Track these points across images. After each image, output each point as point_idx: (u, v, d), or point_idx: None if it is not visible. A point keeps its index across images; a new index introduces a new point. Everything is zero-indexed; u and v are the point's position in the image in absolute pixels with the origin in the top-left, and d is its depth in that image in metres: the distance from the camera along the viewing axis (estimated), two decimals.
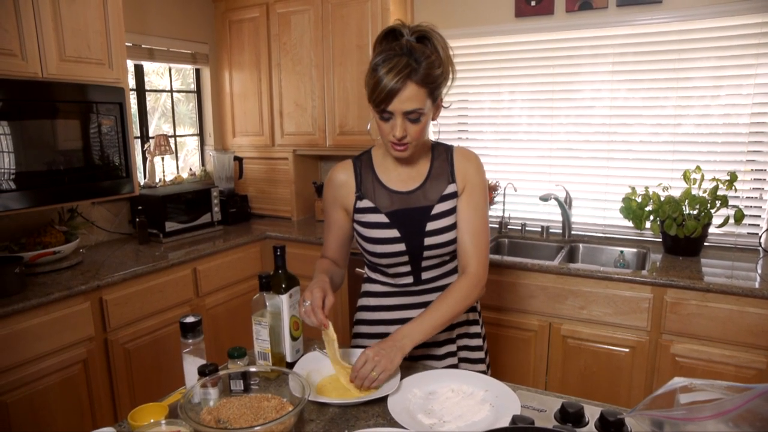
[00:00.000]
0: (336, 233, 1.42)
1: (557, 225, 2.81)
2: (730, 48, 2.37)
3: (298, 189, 3.37)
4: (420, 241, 1.30)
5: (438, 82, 1.20)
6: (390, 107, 1.17)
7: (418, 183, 1.33)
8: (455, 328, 1.42)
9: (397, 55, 1.16)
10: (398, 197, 1.32)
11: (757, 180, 2.43)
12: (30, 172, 2.10)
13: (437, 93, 1.22)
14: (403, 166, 1.34)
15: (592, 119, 2.72)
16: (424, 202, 1.32)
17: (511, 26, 2.80)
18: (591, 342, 2.25)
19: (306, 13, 3.05)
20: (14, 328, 1.88)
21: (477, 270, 1.29)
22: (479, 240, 1.30)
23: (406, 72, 1.14)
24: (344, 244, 1.44)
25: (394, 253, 1.32)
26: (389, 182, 1.34)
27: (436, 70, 1.18)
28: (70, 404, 2.08)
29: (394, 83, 1.14)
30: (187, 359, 1.14)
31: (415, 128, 1.20)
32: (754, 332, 1.95)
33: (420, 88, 1.16)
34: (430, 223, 1.30)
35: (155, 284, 2.39)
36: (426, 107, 1.19)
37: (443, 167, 1.33)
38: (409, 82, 1.15)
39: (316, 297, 1.18)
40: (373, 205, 1.33)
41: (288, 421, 0.97)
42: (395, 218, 1.31)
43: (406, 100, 1.16)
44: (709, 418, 0.78)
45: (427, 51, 1.18)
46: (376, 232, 1.32)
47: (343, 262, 1.47)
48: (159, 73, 3.29)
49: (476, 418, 1.05)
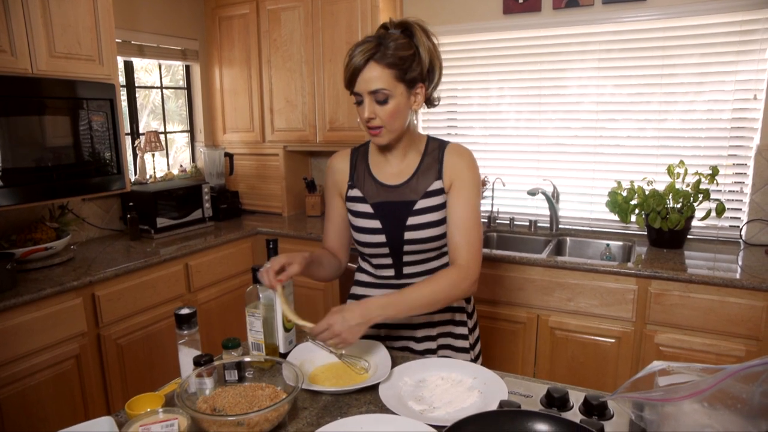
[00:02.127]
0: (334, 221, 1.45)
1: (545, 219, 2.85)
2: (713, 45, 2.43)
3: (288, 185, 3.39)
4: (400, 234, 1.32)
5: (406, 66, 1.21)
6: (356, 88, 1.23)
7: (407, 177, 1.34)
8: (436, 326, 1.41)
9: (368, 41, 1.21)
10: (384, 189, 1.35)
11: (738, 174, 2.49)
12: (19, 168, 2.10)
13: (409, 77, 1.23)
14: (393, 159, 1.36)
15: (579, 115, 2.76)
16: (408, 197, 1.33)
17: (499, 23, 2.84)
18: (578, 333, 2.30)
19: (296, 10, 3.06)
20: (6, 324, 1.88)
21: (467, 262, 1.27)
22: (470, 234, 1.28)
23: (370, 52, 1.19)
24: (342, 233, 1.46)
25: (376, 243, 1.35)
26: (379, 174, 1.37)
27: (402, 52, 1.20)
28: (63, 400, 2.09)
29: (357, 62, 1.20)
30: (183, 350, 1.16)
31: (383, 110, 1.22)
32: (734, 321, 2.01)
33: (385, 68, 1.19)
34: (411, 217, 1.31)
35: (147, 280, 2.41)
36: (394, 90, 1.21)
37: (433, 163, 1.34)
38: (371, 61, 1.19)
39: (277, 261, 1.20)
40: (362, 195, 1.37)
41: (282, 408, 1.00)
42: (379, 209, 1.34)
43: (369, 80, 1.20)
44: (685, 398, 0.82)
45: (400, 37, 1.22)
46: (360, 221, 1.36)
47: (341, 252, 1.49)
48: (147, 70, 3.29)
49: (465, 404, 1.08)
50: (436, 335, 1.41)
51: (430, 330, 1.40)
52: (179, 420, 0.95)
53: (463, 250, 1.28)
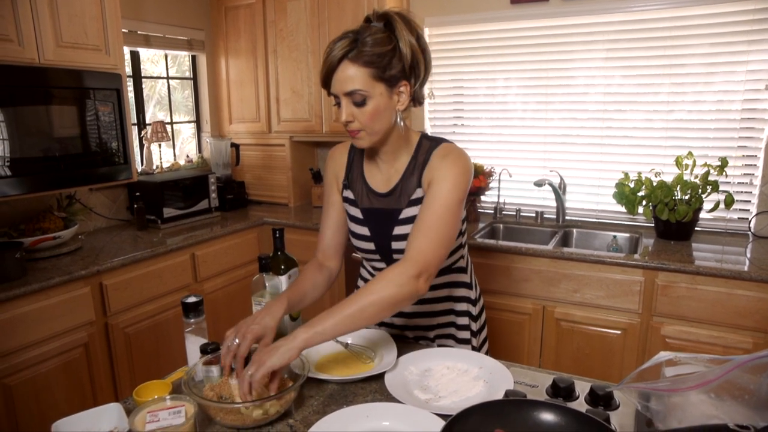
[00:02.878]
0: (332, 217, 1.37)
1: (551, 210, 2.84)
2: (723, 35, 2.40)
3: (294, 175, 3.39)
4: (388, 243, 1.28)
5: (385, 63, 1.11)
6: (332, 89, 1.14)
7: (394, 183, 1.27)
8: (435, 329, 1.39)
9: (345, 36, 1.11)
10: (374, 195, 1.29)
11: (747, 166, 2.47)
12: (27, 158, 2.11)
13: (389, 75, 1.12)
14: (383, 163, 1.28)
15: (586, 105, 2.74)
16: (394, 205, 1.26)
17: (506, 13, 2.81)
18: (584, 324, 2.30)
19: (302, 0, 3.04)
20: (16, 312, 1.91)
21: (414, 256, 1.10)
22: (427, 228, 1.13)
23: (344, 51, 1.09)
24: (339, 230, 1.38)
25: (366, 249, 1.33)
26: (370, 178, 1.31)
27: (379, 48, 1.10)
28: (72, 387, 2.11)
29: (330, 62, 1.11)
30: (189, 338, 1.17)
31: (361, 113, 1.13)
32: (742, 314, 2.00)
33: (360, 67, 1.09)
34: (397, 226, 1.26)
35: (154, 269, 2.42)
36: (372, 90, 1.11)
37: (417, 168, 1.24)
38: (346, 60, 1.10)
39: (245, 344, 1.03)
40: (353, 198, 1.32)
41: (288, 396, 1.01)
42: (368, 216, 1.30)
43: (344, 80, 1.11)
44: (692, 388, 0.82)
45: (379, 31, 1.12)
46: (352, 226, 1.33)
47: (335, 256, 1.39)
48: (154, 61, 3.29)
49: (470, 393, 1.08)
50: (433, 338, 1.41)
51: (425, 332, 1.41)
52: (186, 407, 0.96)
53: (412, 242, 1.13)
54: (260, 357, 0.99)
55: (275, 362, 0.98)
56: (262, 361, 0.98)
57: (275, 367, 0.98)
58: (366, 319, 1.05)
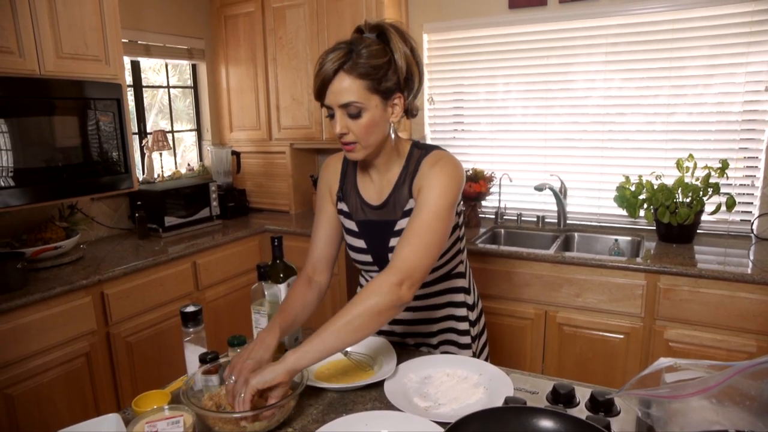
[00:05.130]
0: (325, 228, 1.35)
1: (552, 214, 2.83)
2: (723, 36, 2.39)
3: (295, 182, 3.40)
4: (385, 255, 1.26)
5: (380, 76, 1.10)
6: (326, 100, 1.13)
7: (387, 194, 1.26)
8: (436, 335, 1.39)
9: (339, 47, 1.10)
10: (368, 207, 1.29)
11: (749, 167, 2.46)
12: (29, 168, 2.12)
13: (384, 87, 1.12)
14: (375, 175, 1.28)
15: (587, 109, 2.74)
16: (389, 216, 1.26)
17: (504, 17, 2.82)
18: (586, 329, 2.28)
19: (301, 8, 3.06)
20: (18, 322, 1.91)
21: (397, 264, 1.08)
22: (413, 236, 1.11)
23: (339, 62, 1.08)
24: (331, 242, 1.36)
25: (363, 261, 1.32)
26: (364, 190, 1.30)
27: (375, 60, 1.09)
28: (74, 397, 2.11)
29: (325, 74, 1.09)
30: (189, 348, 1.17)
31: (356, 125, 1.12)
32: (745, 317, 1.99)
33: (356, 79, 1.09)
34: (393, 238, 1.24)
35: (156, 278, 2.42)
36: (368, 102, 1.11)
37: (408, 179, 1.24)
38: (341, 71, 1.09)
39: (247, 383, 0.98)
40: (348, 210, 1.32)
41: (287, 405, 1.00)
42: (363, 228, 1.29)
43: (339, 92, 1.10)
44: (693, 395, 0.81)
45: (374, 43, 1.11)
46: (349, 238, 1.33)
47: (325, 270, 1.35)
48: (156, 70, 3.30)
49: (470, 400, 1.08)
50: (436, 344, 1.40)
51: (427, 339, 1.40)
52: (185, 417, 0.96)
53: (397, 252, 1.11)
54: (246, 376, 0.99)
55: (257, 382, 0.97)
56: (247, 381, 0.98)
57: (259, 387, 0.96)
58: (354, 332, 1.04)
